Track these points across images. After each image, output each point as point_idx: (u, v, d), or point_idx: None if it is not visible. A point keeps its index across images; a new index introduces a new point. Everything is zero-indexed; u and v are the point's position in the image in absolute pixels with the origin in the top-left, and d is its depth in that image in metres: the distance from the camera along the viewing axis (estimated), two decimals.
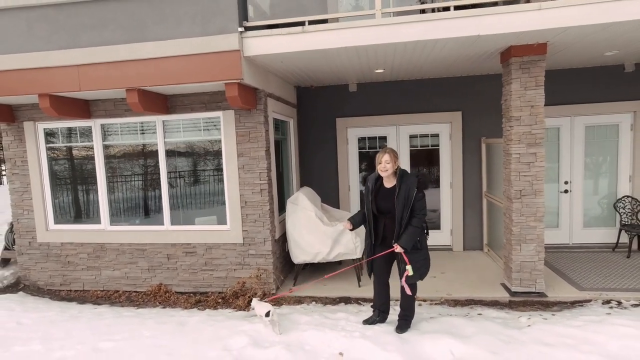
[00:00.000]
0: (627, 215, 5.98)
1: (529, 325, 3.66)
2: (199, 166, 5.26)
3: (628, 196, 6.03)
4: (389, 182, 3.56)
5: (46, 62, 4.51)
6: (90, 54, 4.43)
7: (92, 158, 5.40)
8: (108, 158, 5.40)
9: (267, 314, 3.65)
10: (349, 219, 3.73)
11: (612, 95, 6.03)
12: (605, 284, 4.83)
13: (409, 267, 3.38)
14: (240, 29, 4.15)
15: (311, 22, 4.15)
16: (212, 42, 4.19)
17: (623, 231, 5.96)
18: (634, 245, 6.04)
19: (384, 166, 3.47)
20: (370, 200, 3.57)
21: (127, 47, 4.35)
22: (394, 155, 3.50)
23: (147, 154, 5.32)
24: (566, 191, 6.36)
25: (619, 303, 4.33)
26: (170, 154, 5.24)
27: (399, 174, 3.50)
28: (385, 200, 3.51)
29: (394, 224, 3.47)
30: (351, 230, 3.72)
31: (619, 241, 6.05)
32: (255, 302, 3.95)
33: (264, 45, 4.18)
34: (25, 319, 4.41)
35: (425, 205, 3.47)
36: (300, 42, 4.12)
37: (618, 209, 6.04)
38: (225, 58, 4.18)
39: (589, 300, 4.45)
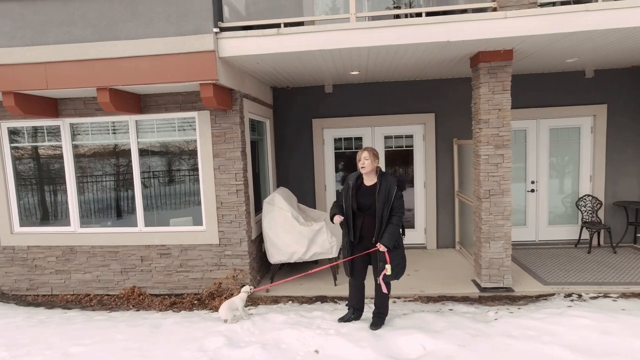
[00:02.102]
0: (587, 213, 6.32)
1: (495, 319, 3.83)
2: (173, 167, 5.19)
3: (589, 195, 6.37)
4: (369, 180, 3.65)
5: (10, 58, 4.35)
6: (58, 52, 4.30)
7: (60, 158, 5.24)
8: (78, 158, 5.25)
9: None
10: (335, 213, 3.65)
11: (574, 99, 6.36)
12: (567, 278, 5.10)
13: (388, 266, 3.47)
14: (215, 30, 4.14)
15: (287, 25, 4.19)
16: (186, 43, 4.15)
17: (584, 228, 6.30)
18: (594, 242, 6.39)
19: (363, 163, 3.57)
20: (350, 196, 3.64)
21: (98, 45, 4.25)
22: (374, 153, 3.60)
23: (120, 154, 5.20)
24: (533, 190, 6.66)
25: (579, 296, 4.59)
26: (143, 154, 5.15)
27: (379, 172, 3.59)
28: (366, 197, 3.59)
29: (373, 223, 3.56)
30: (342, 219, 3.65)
31: (581, 237, 6.39)
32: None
33: (239, 46, 4.18)
34: None
35: (404, 205, 3.59)
36: (275, 44, 4.15)
37: (580, 207, 6.37)
38: (200, 58, 4.15)
39: (553, 294, 4.69)
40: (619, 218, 6.42)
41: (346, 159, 6.90)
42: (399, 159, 6.79)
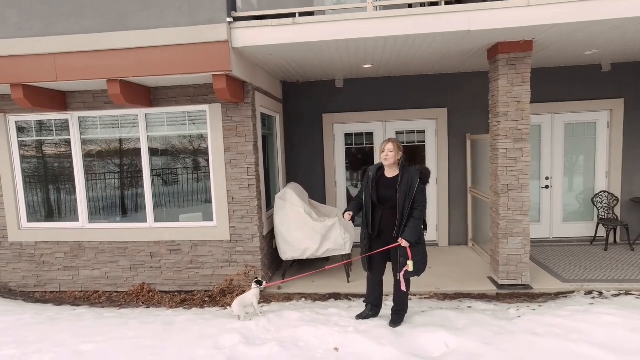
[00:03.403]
0: (604, 209, 6.20)
1: (518, 317, 3.72)
2: (183, 161, 5.10)
3: (605, 191, 6.25)
4: (390, 172, 3.53)
5: (18, 50, 4.26)
6: (68, 43, 4.20)
7: (68, 153, 5.15)
8: (86, 153, 5.16)
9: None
10: (346, 210, 3.59)
11: (590, 93, 6.23)
12: (586, 275, 4.98)
13: (410, 263, 3.35)
14: (229, 20, 4.04)
15: (301, 14, 4.08)
16: (199, 33, 4.05)
17: (600, 225, 6.17)
18: (611, 239, 6.26)
19: (387, 154, 3.45)
20: (370, 188, 3.53)
21: (108, 36, 4.16)
22: (397, 145, 3.49)
23: (129, 149, 5.11)
24: (547, 187, 6.54)
25: (600, 293, 4.47)
26: (153, 148, 5.05)
27: (401, 164, 3.48)
28: (387, 189, 3.48)
29: (393, 216, 3.45)
30: (351, 219, 3.59)
31: (597, 235, 6.26)
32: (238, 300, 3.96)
33: (253, 36, 4.08)
34: None
35: (426, 198, 3.46)
36: (291, 34, 4.04)
37: (595, 203, 6.25)
38: (213, 49, 4.05)
39: (572, 292, 4.57)
40: (635, 215, 6.29)
41: (357, 155, 6.79)
42: (411, 154, 6.66)
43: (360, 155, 6.79)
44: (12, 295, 5.26)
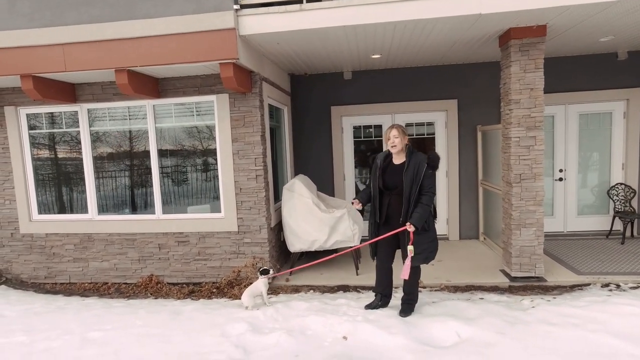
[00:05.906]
0: (620, 202, 6.02)
1: (532, 307, 3.61)
2: (191, 152, 5.08)
3: (621, 183, 6.07)
4: (398, 159, 3.47)
5: (29, 40, 4.28)
6: (77, 33, 4.21)
7: (78, 145, 5.17)
8: (95, 145, 5.18)
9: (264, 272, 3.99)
10: (356, 197, 3.60)
11: (606, 83, 6.06)
12: (602, 268, 4.83)
13: (410, 247, 3.28)
14: (235, 7, 4.00)
15: (308, 1, 4.03)
16: (206, 20, 4.03)
17: (617, 218, 6.00)
18: (627, 232, 6.08)
19: (393, 141, 3.38)
20: (377, 176, 3.48)
21: (116, 25, 4.15)
22: (402, 130, 3.42)
23: (137, 140, 5.11)
24: (560, 179, 6.38)
25: (618, 286, 4.33)
26: (161, 139, 5.05)
27: (409, 150, 3.41)
28: (393, 175, 3.42)
29: (400, 203, 3.38)
30: (361, 209, 3.60)
31: (613, 228, 6.08)
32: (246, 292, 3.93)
33: (260, 23, 4.04)
34: (7, 312, 4.18)
35: (435, 184, 3.39)
36: (297, 21, 3.99)
37: (612, 196, 6.08)
38: (220, 37, 4.02)
39: (588, 284, 4.44)
40: None
41: (366, 148, 6.71)
42: (420, 147, 6.56)
43: (368, 149, 6.71)
44: (24, 286, 5.31)
